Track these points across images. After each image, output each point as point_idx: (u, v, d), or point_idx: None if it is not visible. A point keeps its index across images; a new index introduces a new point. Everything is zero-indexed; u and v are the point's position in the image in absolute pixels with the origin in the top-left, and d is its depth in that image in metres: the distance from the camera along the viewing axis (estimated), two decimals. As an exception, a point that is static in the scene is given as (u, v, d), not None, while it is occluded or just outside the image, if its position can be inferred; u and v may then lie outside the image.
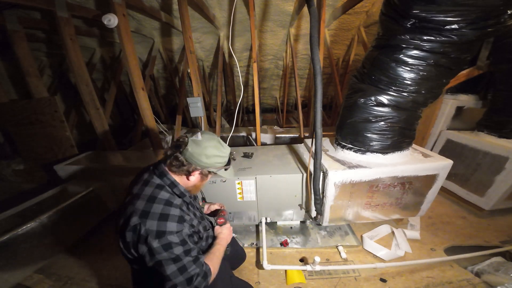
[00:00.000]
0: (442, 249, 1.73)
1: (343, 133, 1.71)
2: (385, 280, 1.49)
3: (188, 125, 4.33)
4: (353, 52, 4.04)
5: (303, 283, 1.49)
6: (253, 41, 2.24)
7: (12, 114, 2.74)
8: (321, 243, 1.83)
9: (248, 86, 5.54)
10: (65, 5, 2.21)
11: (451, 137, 2.34)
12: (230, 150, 1.06)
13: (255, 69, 2.38)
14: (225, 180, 1.70)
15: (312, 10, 1.21)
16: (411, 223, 1.95)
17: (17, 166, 3.19)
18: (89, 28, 3.29)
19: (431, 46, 1.25)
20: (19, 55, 2.57)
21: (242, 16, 3.24)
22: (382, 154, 1.59)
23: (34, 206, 1.77)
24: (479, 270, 1.51)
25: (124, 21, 2.04)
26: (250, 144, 3.23)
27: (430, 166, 1.56)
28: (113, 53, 4.35)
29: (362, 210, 1.72)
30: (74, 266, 1.72)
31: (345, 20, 3.46)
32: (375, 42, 1.50)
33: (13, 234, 1.46)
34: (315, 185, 1.51)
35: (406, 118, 1.51)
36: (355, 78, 1.65)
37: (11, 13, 2.45)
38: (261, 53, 4.34)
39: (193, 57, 2.29)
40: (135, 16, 3.12)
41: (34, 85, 2.71)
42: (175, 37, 3.88)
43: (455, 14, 1.12)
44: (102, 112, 2.57)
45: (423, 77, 1.35)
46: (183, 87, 3.58)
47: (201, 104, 2.22)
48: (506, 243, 1.74)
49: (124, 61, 2.20)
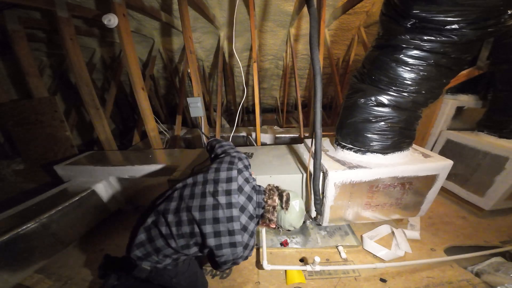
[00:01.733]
0: (442, 249, 1.73)
1: (343, 133, 1.71)
2: (385, 280, 1.49)
3: (188, 125, 4.33)
4: (353, 52, 4.04)
5: (303, 283, 1.49)
6: (253, 41, 2.24)
7: (12, 114, 2.74)
8: (321, 243, 1.83)
9: (248, 86, 5.54)
10: (65, 5, 2.21)
11: (451, 137, 2.34)
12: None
13: (255, 69, 2.38)
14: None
15: (312, 10, 1.21)
16: (411, 223, 1.95)
17: (17, 166, 3.19)
18: (89, 28, 3.29)
19: (431, 46, 1.25)
20: (19, 55, 2.57)
21: (242, 16, 3.24)
22: (382, 154, 1.59)
23: (34, 206, 1.77)
24: (479, 270, 1.51)
25: (124, 21, 2.04)
26: (250, 144, 3.23)
27: (430, 166, 1.56)
28: (113, 53, 4.35)
29: (362, 210, 1.72)
30: (74, 266, 1.72)
31: (345, 20, 3.46)
32: (375, 42, 1.50)
33: (13, 234, 1.46)
34: (315, 185, 1.51)
35: (406, 118, 1.51)
36: (355, 78, 1.65)
37: (11, 13, 2.45)
38: (261, 53, 4.34)
39: (193, 57, 2.29)
40: (135, 16, 3.12)
41: (34, 85, 2.71)
42: (175, 37, 3.87)
43: (456, 14, 1.12)
44: (102, 112, 2.57)
45: (423, 77, 1.35)
46: (183, 87, 3.58)
47: (201, 104, 2.22)
48: (506, 243, 1.74)
49: (124, 61, 2.20)
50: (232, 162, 1.17)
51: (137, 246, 1.01)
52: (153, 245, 1.01)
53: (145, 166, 2.03)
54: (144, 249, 1.01)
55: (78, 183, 2.08)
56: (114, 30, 3.52)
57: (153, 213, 1.06)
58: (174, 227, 0.99)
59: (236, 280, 1.54)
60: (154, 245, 1.01)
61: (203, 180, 1.10)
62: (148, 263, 1.03)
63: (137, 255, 1.01)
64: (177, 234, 0.98)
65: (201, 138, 2.60)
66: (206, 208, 0.99)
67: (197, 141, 3.47)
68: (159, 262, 1.04)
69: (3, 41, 2.68)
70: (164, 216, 1.02)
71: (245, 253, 0.99)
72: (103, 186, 2.07)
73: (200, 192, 1.05)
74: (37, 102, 2.68)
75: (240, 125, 5.20)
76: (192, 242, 0.99)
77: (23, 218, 1.60)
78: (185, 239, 0.98)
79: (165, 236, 0.99)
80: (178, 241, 0.98)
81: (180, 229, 0.98)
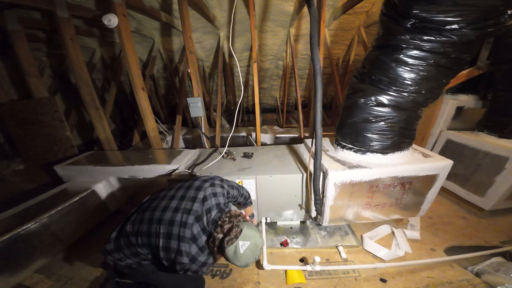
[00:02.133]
0: (442, 249, 1.73)
1: (343, 133, 1.71)
2: (385, 280, 1.49)
3: (188, 125, 4.33)
4: (353, 52, 4.04)
5: (303, 283, 1.49)
6: (253, 41, 2.24)
7: (12, 114, 2.74)
8: (321, 243, 1.83)
9: (248, 86, 5.54)
10: (65, 5, 2.21)
11: (451, 137, 2.34)
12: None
13: (255, 69, 2.38)
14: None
15: (312, 10, 1.21)
16: (411, 223, 1.95)
17: (17, 166, 3.19)
18: (89, 28, 3.29)
19: (431, 46, 1.25)
20: (19, 55, 2.57)
21: (242, 16, 3.24)
22: (382, 154, 1.59)
23: (34, 206, 1.76)
24: (479, 270, 1.51)
25: (124, 21, 2.03)
26: (250, 144, 3.23)
27: (430, 166, 1.56)
28: (113, 53, 4.35)
29: (362, 210, 1.72)
30: (74, 266, 1.72)
31: (345, 20, 3.46)
32: (375, 42, 1.50)
33: (13, 234, 1.46)
34: (315, 185, 1.51)
35: (406, 118, 1.51)
36: (355, 78, 1.65)
37: (11, 13, 2.45)
38: (261, 53, 4.34)
39: (193, 57, 2.29)
40: (135, 16, 3.12)
41: (34, 85, 2.71)
42: (175, 37, 3.87)
43: (455, 14, 1.12)
44: (102, 112, 2.57)
45: (423, 77, 1.35)
46: (183, 87, 3.58)
47: (201, 104, 2.22)
48: (506, 243, 1.74)
49: (124, 61, 2.19)
50: (213, 178, 1.24)
51: (109, 241, 1.10)
52: (116, 243, 1.08)
53: (145, 166, 2.03)
54: (110, 245, 1.09)
55: (78, 183, 2.08)
56: (114, 30, 3.52)
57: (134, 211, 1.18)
58: (136, 224, 1.05)
59: (236, 280, 1.54)
60: (118, 243, 1.08)
61: (179, 185, 1.18)
62: (111, 258, 1.10)
63: (106, 248, 1.09)
64: (136, 231, 1.03)
65: (201, 138, 2.60)
66: (168, 209, 1.03)
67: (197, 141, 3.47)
68: (120, 260, 1.10)
69: (3, 41, 2.68)
70: (131, 215, 1.12)
71: (192, 268, 0.97)
72: (103, 186, 2.07)
73: (171, 194, 1.12)
74: (37, 102, 2.68)
75: (240, 125, 5.20)
76: (147, 242, 1.03)
77: (23, 218, 1.60)
78: (142, 238, 1.03)
79: (127, 234, 1.05)
80: (136, 238, 1.03)
81: (140, 227, 1.03)
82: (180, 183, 1.21)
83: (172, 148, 2.88)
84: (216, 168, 1.85)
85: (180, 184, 1.20)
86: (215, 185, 1.17)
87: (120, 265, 1.12)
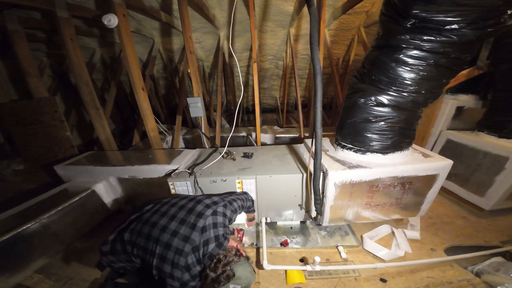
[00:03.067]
0: (442, 249, 1.73)
1: (343, 133, 1.71)
2: (385, 280, 1.49)
3: (188, 125, 4.32)
4: (353, 52, 4.04)
5: (303, 283, 1.49)
6: (253, 41, 2.24)
7: (12, 114, 2.74)
8: (321, 243, 1.83)
9: (248, 86, 5.54)
10: (65, 5, 2.21)
11: (451, 137, 2.34)
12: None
13: (255, 69, 2.38)
14: (225, 180, 1.70)
15: (312, 10, 1.21)
16: (411, 223, 1.95)
17: (17, 166, 3.19)
18: (89, 28, 3.29)
19: (431, 46, 1.25)
20: (19, 55, 2.57)
21: (242, 16, 3.24)
22: (382, 154, 1.59)
23: (34, 206, 1.76)
24: (479, 270, 1.51)
25: (124, 21, 2.03)
26: (250, 144, 3.23)
27: (430, 166, 1.56)
28: (113, 53, 4.35)
29: (362, 210, 1.72)
30: (74, 266, 1.72)
31: (345, 20, 3.46)
32: (375, 42, 1.50)
33: (13, 234, 1.46)
34: (315, 185, 1.51)
35: (406, 118, 1.51)
36: (355, 78, 1.65)
37: (11, 13, 2.45)
38: (261, 53, 4.34)
39: (193, 57, 2.29)
40: (135, 16, 3.12)
41: (34, 85, 2.71)
42: (175, 37, 3.87)
43: (455, 14, 1.12)
44: (102, 112, 2.57)
45: (423, 77, 1.35)
46: (183, 87, 3.58)
47: (201, 104, 2.22)
48: (506, 243, 1.74)
49: (124, 61, 2.19)
50: (216, 203, 1.22)
51: (106, 242, 1.13)
52: (113, 246, 1.11)
53: (145, 166, 2.03)
54: (106, 247, 1.12)
55: (78, 183, 2.08)
56: (114, 30, 3.52)
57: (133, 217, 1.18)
58: (134, 235, 1.06)
59: (236, 280, 1.54)
60: (114, 246, 1.10)
61: (183, 204, 1.17)
62: (106, 260, 1.14)
63: (102, 249, 1.13)
64: (133, 242, 1.06)
65: (201, 138, 2.60)
66: (166, 230, 1.04)
67: (197, 141, 3.46)
68: (114, 262, 1.13)
69: (3, 41, 2.68)
70: (131, 222, 1.14)
71: None
72: (103, 186, 2.07)
73: (172, 213, 1.11)
74: (37, 102, 2.68)
75: (240, 125, 5.20)
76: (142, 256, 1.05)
77: (23, 218, 1.59)
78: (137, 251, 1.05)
79: (124, 242, 1.07)
80: (132, 248, 1.06)
81: (138, 239, 1.05)
82: (184, 200, 1.20)
83: (172, 148, 2.88)
84: (216, 168, 1.85)
85: (183, 201, 1.19)
86: (217, 214, 1.16)
87: (114, 266, 1.14)
